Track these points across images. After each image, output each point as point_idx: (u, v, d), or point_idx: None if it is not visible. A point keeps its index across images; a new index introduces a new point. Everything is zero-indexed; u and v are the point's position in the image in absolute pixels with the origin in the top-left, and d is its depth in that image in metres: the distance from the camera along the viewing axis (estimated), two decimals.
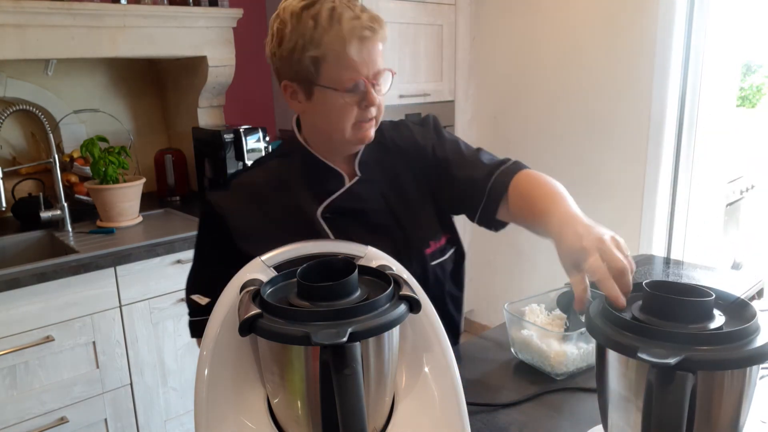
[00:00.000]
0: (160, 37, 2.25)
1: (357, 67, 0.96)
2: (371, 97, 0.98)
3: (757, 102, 4.87)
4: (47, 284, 1.75)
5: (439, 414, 0.75)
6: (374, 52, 0.98)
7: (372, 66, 0.98)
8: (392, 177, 1.10)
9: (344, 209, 1.05)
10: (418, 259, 1.08)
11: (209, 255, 1.06)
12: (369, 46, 0.97)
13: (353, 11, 0.96)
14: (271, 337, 0.62)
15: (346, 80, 0.96)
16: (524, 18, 2.72)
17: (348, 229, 1.03)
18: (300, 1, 0.97)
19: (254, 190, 1.05)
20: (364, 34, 0.95)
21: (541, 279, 2.85)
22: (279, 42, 0.98)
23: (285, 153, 1.12)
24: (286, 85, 1.02)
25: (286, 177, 1.06)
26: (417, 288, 0.72)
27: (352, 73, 0.96)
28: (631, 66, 2.39)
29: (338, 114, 0.99)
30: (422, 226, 1.10)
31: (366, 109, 0.99)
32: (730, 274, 1.61)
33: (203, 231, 1.07)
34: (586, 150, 2.61)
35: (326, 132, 1.03)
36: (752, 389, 0.67)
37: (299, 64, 0.97)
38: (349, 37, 0.94)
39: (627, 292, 0.74)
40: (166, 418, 2.09)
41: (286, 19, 0.97)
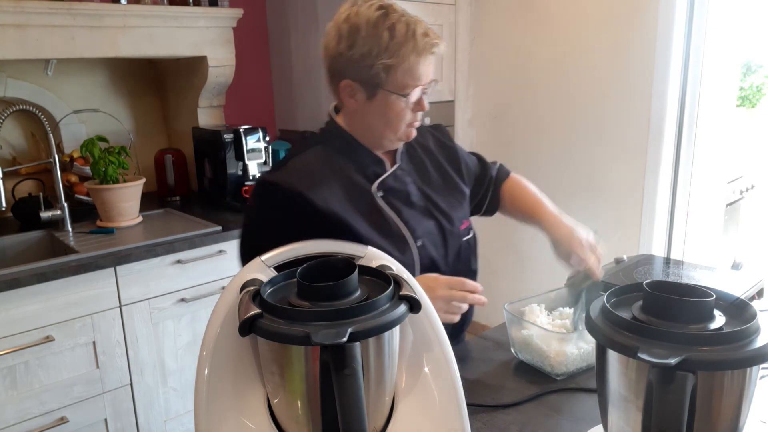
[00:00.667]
0: (160, 37, 2.25)
1: (420, 77, 1.10)
2: (424, 103, 1.14)
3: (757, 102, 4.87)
4: (47, 284, 1.75)
5: (439, 414, 0.75)
6: (430, 63, 1.12)
7: (429, 76, 1.12)
8: (418, 166, 1.26)
9: (392, 189, 1.19)
10: (457, 235, 1.24)
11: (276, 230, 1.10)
12: (432, 60, 1.11)
13: (422, 28, 1.10)
14: (271, 337, 0.62)
15: (409, 88, 1.10)
16: (524, 18, 2.71)
17: (397, 205, 1.18)
18: (375, 11, 1.08)
19: (311, 170, 1.14)
20: (433, 50, 1.10)
21: (541, 279, 2.85)
22: (349, 46, 1.08)
23: (324, 140, 1.21)
24: (346, 84, 1.11)
25: (336, 159, 1.17)
26: (417, 288, 0.72)
27: (416, 82, 1.10)
28: (631, 66, 2.38)
29: (396, 116, 1.12)
30: (453, 206, 1.26)
31: (417, 112, 1.15)
32: (730, 274, 1.61)
33: (268, 209, 1.12)
34: (586, 150, 2.61)
35: (379, 130, 1.15)
36: (752, 389, 0.67)
37: (370, 69, 1.07)
38: (422, 51, 1.08)
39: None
40: (166, 418, 2.09)
41: (360, 26, 1.07)
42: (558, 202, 1.31)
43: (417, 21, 1.11)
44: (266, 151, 2.48)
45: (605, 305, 0.72)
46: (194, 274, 2.06)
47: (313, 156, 1.17)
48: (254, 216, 1.16)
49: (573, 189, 2.65)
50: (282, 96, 2.90)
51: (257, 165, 2.46)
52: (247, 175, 2.45)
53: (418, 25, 1.09)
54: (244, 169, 2.45)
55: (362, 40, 1.06)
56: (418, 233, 1.17)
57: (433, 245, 1.19)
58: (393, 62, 1.06)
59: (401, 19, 1.08)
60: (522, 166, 2.87)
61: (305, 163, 1.15)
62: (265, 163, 2.50)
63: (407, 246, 1.16)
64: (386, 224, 1.15)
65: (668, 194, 2.43)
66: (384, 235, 1.13)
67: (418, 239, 1.17)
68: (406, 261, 1.12)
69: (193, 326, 2.10)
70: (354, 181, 1.15)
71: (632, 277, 1.48)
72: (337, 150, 1.18)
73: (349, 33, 1.07)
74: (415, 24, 1.09)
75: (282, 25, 2.77)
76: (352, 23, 1.07)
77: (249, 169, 2.44)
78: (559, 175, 2.70)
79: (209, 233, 2.08)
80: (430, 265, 1.18)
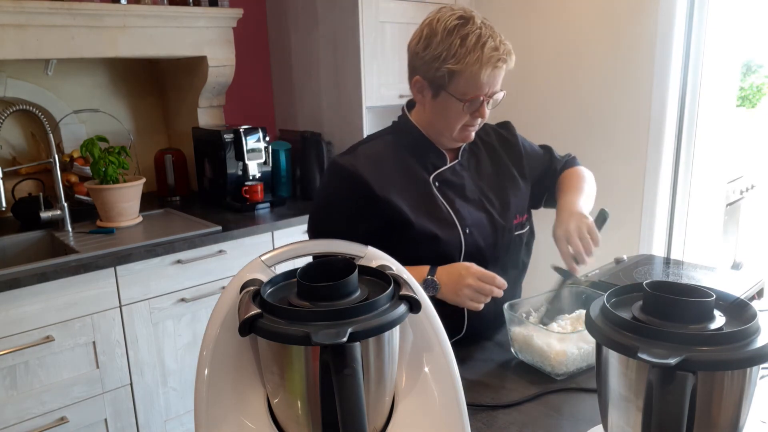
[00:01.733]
0: (160, 37, 2.25)
1: (482, 87, 1.17)
2: (483, 111, 1.21)
3: (757, 102, 4.87)
4: (47, 284, 1.75)
5: (439, 414, 0.75)
6: (499, 77, 1.18)
7: (493, 87, 1.19)
8: (478, 163, 1.35)
9: (449, 181, 1.28)
10: (506, 228, 1.31)
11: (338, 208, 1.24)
12: (497, 72, 1.17)
13: (495, 42, 1.16)
14: (271, 337, 0.62)
15: (470, 95, 1.17)
16: (524, 18, 2.71)
17: (451, 196, 1.27)
18: (456, 20, 1.16)
19: (376, 158, 1.26)
20: (498, 64, 1.16)
21: (541, 279, 2.84)
22: (425, 47, 1.18)
23: (395, 131, 1.33)
24: (417, 80, 1.23)
25: (401, 150, 1.29)
26: (417, 288, 0.72)
27: (477, 91, 1.17)
28: (631, 66, 2.38)
29: (454, 118, 1.22)
30: (507, 202, 1.33)
31: (475, 118, 1.22)
32: (730, 274, 1.61)
33: (333, 188, 1.27)
34: (586, 150, 2.60)
35: (438, 127, 1.26)
36: (752, 389, 0.67)
37: (437, 71, 1.17)
38: (486, 63, 1.14)
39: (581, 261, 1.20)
40: (166, 418, 2.09)
41: (438, 31, 1.17)
42: None
43: (491, 34, 1.16)
44: (266, 151, 2.47)
45: (605, 305, 0.72)
46: (194, 274, 2.06)
47: (381, 145, 1.30)
48: (322, 193, 1.31)
49: None
50: (282, 96, 2.90)
51: (257, 165, 2.46)
52: (247, 175, 2.45)
53: (490, 38, 1.15)
54: (244, 169, 2.45)
55: (436, 44, 1.16)
56: (467, 222, 1.26)
57: (481, 235, 1.27)
58: (457, 68, 1.15)
59: (475, 30, 1.15)
60: None
61: (373, 150, 1.28)
62: (265, 163, 2.50)
63: (455, 231, 1.24)
64: (437, 210, 1.24)
65: (668, 194, 2.43)
66: (433, 219, 1.23)
67: (467, 227, 1.26)
68: (452, 244, 1.23)
69: (193, 326, 2.10)
70: (414, 171, 1.26)
71: (632, 277, 1.48)
72: (403, 141, 1.30)
73: (427, 36, 1.18)
74: (487, 37, 1.15)
75: (282, 25, 2.77)
76: (433, 28, 1.18)
77: (249, 169, 2.44)
78: None
79: (209, 233, 2.08)
80: (476, 252, 1.26)
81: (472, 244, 1.25)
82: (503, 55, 1.16)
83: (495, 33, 1.18)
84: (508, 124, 1.45)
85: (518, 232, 1.34)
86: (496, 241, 1.29)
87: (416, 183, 1.26)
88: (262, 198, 2.44)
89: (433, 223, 1.23)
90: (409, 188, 1.24)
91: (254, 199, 2.41)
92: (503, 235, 1.30)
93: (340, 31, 2.48)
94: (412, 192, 1.24)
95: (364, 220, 1.21)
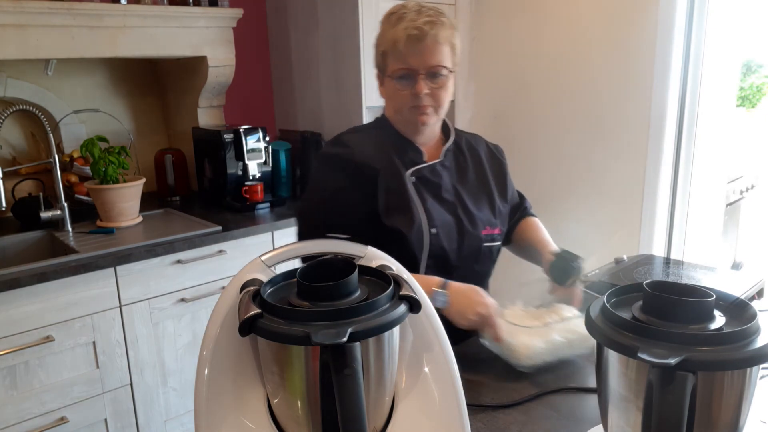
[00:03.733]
0: (160, 37, 2.25)
1: (406, 59, 1.18)
2: (419, 86, 1.19)
3: (757, 102, 4.86)
4: (47, 284, 1.75)
5: (439, 414, 0.75)
6: (429, 51, 1.18)
7: (423, 61, 1.18)
8: (460, 167, 1.35)
9: (425, 179, 1.28)
10: (474, 236, 1.30)
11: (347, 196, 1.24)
12: (423, 46, 1.17)
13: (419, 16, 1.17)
14: (271, 337, 0.62)
15: (398, 70, 1.20)
16: (524, 18, 2.71)
17: (425, 194, 1.27)
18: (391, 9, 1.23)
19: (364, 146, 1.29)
20: (413, 32, 1.16)
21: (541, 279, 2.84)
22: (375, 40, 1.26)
23: (379, 126, 1.35)
24: (376, 74, 1.29)
25: (383, 142, 1.31)
26: (417, 288, 0.72)
27: (403, 64, 1.19)
28: (631, 66, 2.38)
29: (394, 98, 1.24)
30: (481, 210, 1.32)
31: (417, 96, 1.20)
32: (730, 274, 1.61)
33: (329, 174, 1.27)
34: (586, 150, 2.60)
35: (391, 114, 1.29)
36: (752, 389, 0.67)
37: (378, 58, 1.25)
38: (405, 35, 1.16)
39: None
40: (166, 418, 2.09)
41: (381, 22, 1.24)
42: (558, 201, 1.34)
43: (419, 10, 1.18)
44: (266, 151, 2.47)
45: (605, 305, 0.72)
46: (194, 274, 2.06)
47: (366, 136, 1.32)
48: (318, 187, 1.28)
49: (573, 189, 2.65)
50: (282, 96, 2.90)
51: (257, 165, 2.46)
52: (247, 175, 2.45)
53: (416, 13, 1.18)
54: (244, 169, 2.45)
55: (378, 36, 1.24)
56: (435, 222, 1.25)
57: (446, 238, 1.27)
58: (386, 48, 1.20)
59: (401, 10, 1.19)
60: (522, 166, 2.87)
61: (358, 140, 1.30)
62: (265, 163, 2.50)
63: (421, 230, 1.24)
64: (407, 206, 1.24)
65: (668, 194, 2.43)
66: (401, 214, 1.23)
67: (434, 227, 1.25)
68: (417, 241, 1.23)
69: (193, 326, 2.10)
70: (393, 164, 1.26)
71: (632, 277, 1.48)
72: (384, 135, 1.32)
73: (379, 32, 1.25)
74: (413, 12, 1.18)
75: (282, 25, 2.77)
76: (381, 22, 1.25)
77: (249, 169, 2.44)
78: (560, 174, 2.69)
79: (209, 233, 2.08)
80: (440, 253, 1.26)
81: (436, 245, 1.25)
82: (425, 26, 1.16)
83: (424, 9, 1.19)
84: (499, 148, 1.47)
85: (487, 244, 1.33)
86: (461, 246, 1.29)
87: (393, 176, 1.26)
88: (262, 198, 2.44)
89: (400, 217, 1.22)
90: (387, 180, 1.25)
91: (254, 199, 2.42)
92: (470, 242, 1.29)
93: (340, 31, 2.48)
94: (388, 184, 1.25)
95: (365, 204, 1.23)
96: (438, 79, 1.20)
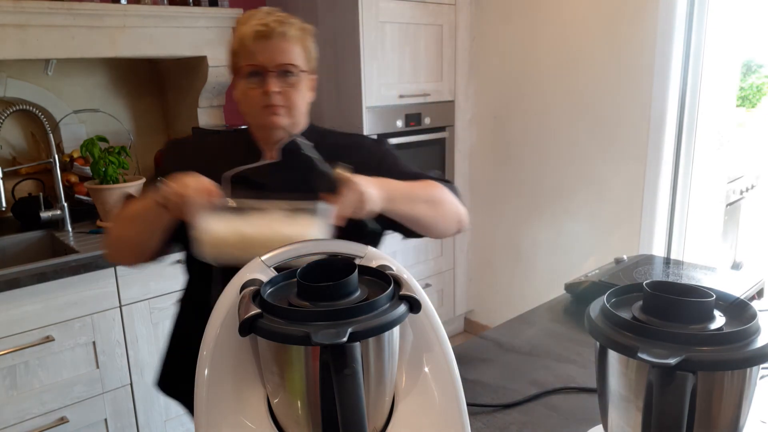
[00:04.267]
0: (160, 37, 2.25)
1: (253, 56, 1.14)
2: (268, 84, 1.14)
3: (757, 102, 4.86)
4: (47, 284, 1.75)
5: (439, 414, 0.75)
6: (274, 47, 1.14)
7: (272, 58, 1.14)
8: (302, 172, 1.17)
9: (248, 180, 1.18)
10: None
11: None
12: (268, 40, 1.13)
13: (266, 15, 1.15)
14: (271, 337, 0.62)
15: (245, 67, 1.15)
16: (524, 18, 2.71)
17: (238, 195, 1.07)
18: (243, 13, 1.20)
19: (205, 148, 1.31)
20: (260, 29, 1.13)
21: (541, 279, 2.85)
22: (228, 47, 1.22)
23: (236, 129, 1.30)
24: (231, 78, 1.22)
25: (227, 145, 1.31)
26: (417, 288, 0.72)
27: (249, 60, 1.14)
28: (631, 66, 2.38)
29: (244, 98, 1.17)
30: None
31: (267, 95, 1.14)
32: (730, 274, 1.61)
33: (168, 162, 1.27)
34: (586, 150, 2.61)
35: (244, 114, 1.21)
36: (752, 389, 0.67)
37: (230, 59, 1.20)
38: (251, 32, 1.13)
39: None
40: (166, 418, 2.09)
41: (235, 26, 1.20)
42: (558, 201, 1.31)
43: (270, 11, 1.17)
44: None
45: (605, 305, 0.72)
46: None
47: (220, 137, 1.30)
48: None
49: (573, 188, 2.65)
50: None
51: None
52: None
53: (265, 14, 1.16)
54: None
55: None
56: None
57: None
58: (236, 47, 1.17)
59: (255, 12, 1.18)
60: (522, 166, 2.88)
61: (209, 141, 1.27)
62: None
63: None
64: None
65: (668, 194, 2.43)
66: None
67: None
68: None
69: None
70: (225, 164, 1.17)
71: (632, 277, 1.48)
72: (235, 137, 1.29)
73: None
74: (260, 13, 1.16)
75: None
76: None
77: None
78: (560, 174, 2.69)
79: None
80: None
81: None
82: (272, 23, 1.13)
83: (275, 11, 1.17)
84: (381, 144, 1.29)
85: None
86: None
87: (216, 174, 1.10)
88: None
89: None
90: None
91: None
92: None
93: (340, 31, 2.48)
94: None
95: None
96: (289, 78, 1.15)
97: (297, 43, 1.16)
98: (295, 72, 1.15)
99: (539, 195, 2.80)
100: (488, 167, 3.02)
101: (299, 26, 1.18)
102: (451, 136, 2.94)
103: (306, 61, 1.18)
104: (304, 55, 1.17)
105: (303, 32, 1.18)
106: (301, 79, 1.17)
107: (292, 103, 1.17)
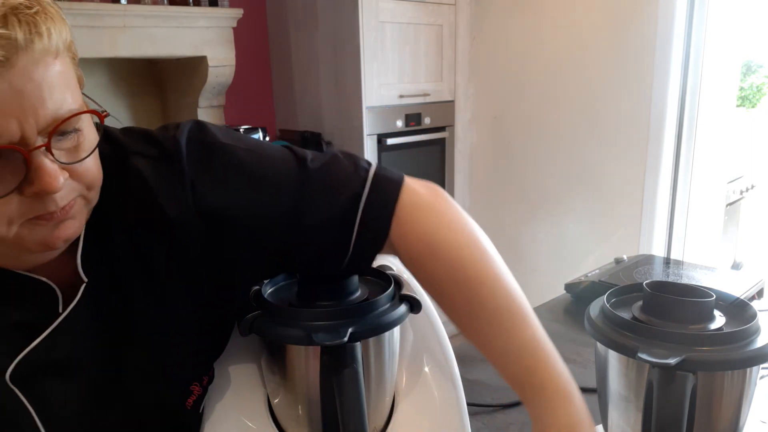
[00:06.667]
0: (160, 37, 2.25)
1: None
2: (39, 171, 0.49)
3: (757, 102, 4.87)
4: None
5: (439, 414, 0.75)
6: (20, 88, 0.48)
7: (31, 110, 0.48)
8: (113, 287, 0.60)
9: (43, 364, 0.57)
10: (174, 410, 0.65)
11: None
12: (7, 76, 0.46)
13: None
14: (272, 337, 0.62)
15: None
16: (524, 18, 2.72)
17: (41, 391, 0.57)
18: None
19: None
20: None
21: (541, 279, 2.85)
22: None
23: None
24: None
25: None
26: (417, 288, 0.72)
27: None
28: (631, 66, 2.39)
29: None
30: (170, 356, 0.64)
31: (36, 197, 0.50)
32: (730, 274, 1.61)
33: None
34: (586, 150, 2.61)
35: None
36: (752, 389, 0.67)
37: None
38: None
39: None
40: None
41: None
42: (558, 201, 1.30)
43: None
44: None
45: (605, 305, 0.72)
46: None
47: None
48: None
49: (573, 189, 2.65)
50: (282, 96, 2.90)
51: None
52: None
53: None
54: None
55: None
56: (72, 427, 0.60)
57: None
58: None
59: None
60: (522, 166, 2.88)
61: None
62: None
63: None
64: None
65: (668, 194, 2.44)
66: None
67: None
68: None
69: None
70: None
71: (632, 277, 1.48)
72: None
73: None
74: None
75: (282, 25, 2.77)
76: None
77: None
78: (559, 174, 2.69)
79: None
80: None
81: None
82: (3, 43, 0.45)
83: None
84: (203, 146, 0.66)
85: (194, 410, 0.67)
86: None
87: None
88: None
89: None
90: None
91: None
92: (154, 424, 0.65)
93: (340, 31, 2.48)
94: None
95: None
96: (72, 139, 0.56)
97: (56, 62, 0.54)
98: (77, 125, 0.57)
99: (539, 195, 2.80)
100: (488, 167, 3.02)
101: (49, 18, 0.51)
102: (451, 136, 2.94)
103: (78, 92, 0.61)
104: (73, 82, 0.60)
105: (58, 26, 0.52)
106: (87, 135, 0.59)
107: (90, 183, 0.57)
